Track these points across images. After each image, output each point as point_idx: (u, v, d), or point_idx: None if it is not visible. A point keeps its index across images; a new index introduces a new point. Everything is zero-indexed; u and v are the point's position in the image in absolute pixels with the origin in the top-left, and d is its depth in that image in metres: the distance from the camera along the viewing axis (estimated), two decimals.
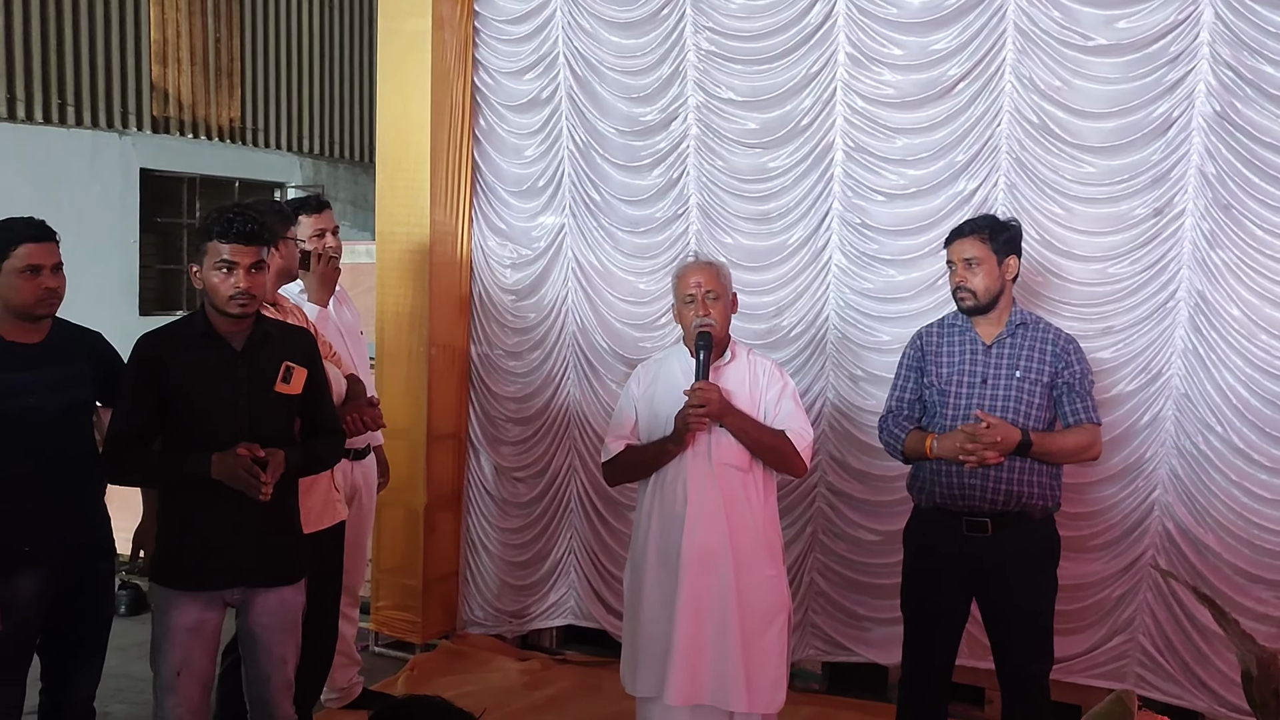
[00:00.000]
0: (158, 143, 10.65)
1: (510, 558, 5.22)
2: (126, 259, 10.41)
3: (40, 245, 3.28)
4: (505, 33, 5.09)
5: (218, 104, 11.30)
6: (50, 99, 9.72)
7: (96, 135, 10.09)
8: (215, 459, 3.05)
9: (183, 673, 3.16)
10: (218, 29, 11.26)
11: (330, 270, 4.10)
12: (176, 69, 10.89)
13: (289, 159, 12.03)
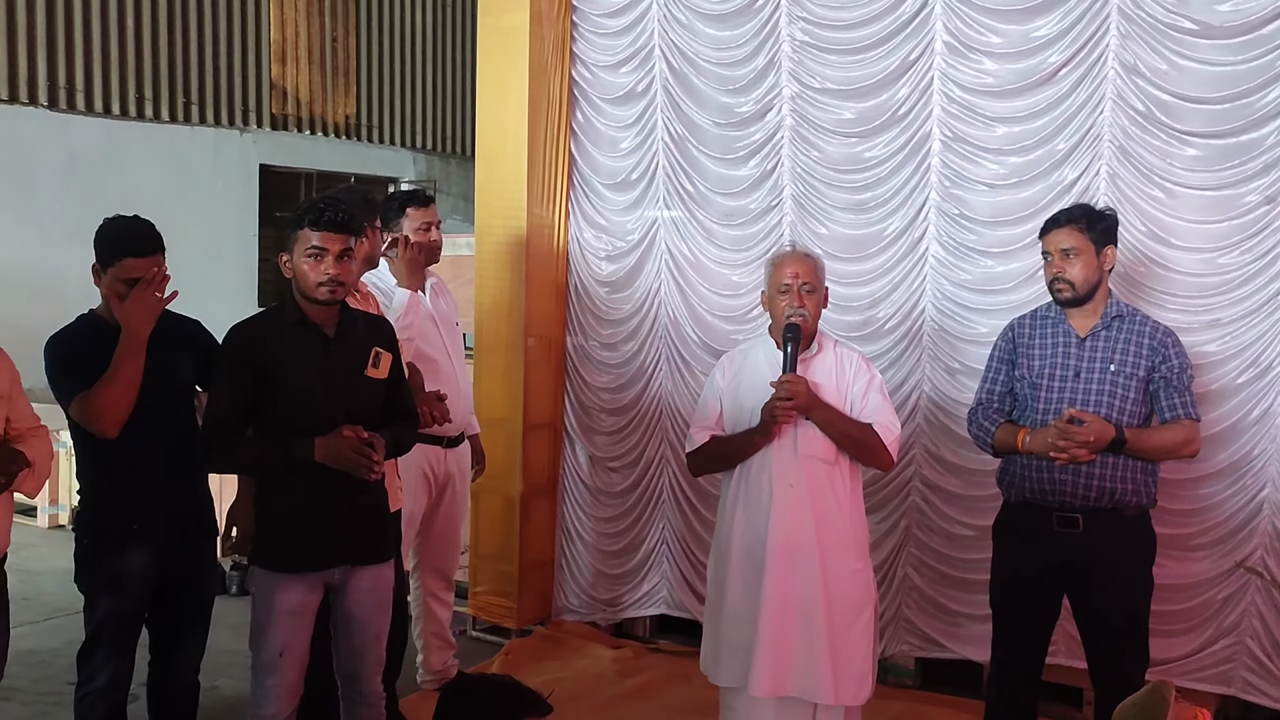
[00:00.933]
0: (276, 139, 10.98)
1: (604, 546, 5.27)
2: (246, 251, 10.77)
3: (142, 260, 3.39)
4: (602, 26, 5.14)
5: (334, 101, 11.60)
6: (176, 98, 10.10)
7: (219, 132, 10.46)
8: (320, 442, 3.14)
9: (285, 654, 3.26)
10: (334, 28, 11.56)
11: (418, 256, 4.20)
12: (295, 68, 11.21)
13: (402, 154, 12.30)
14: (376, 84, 11.98)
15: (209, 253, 9.90)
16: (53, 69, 9.23)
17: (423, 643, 4.60)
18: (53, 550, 3.35)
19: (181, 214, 9.37)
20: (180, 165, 10.05)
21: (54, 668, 4.73)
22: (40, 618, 5.10)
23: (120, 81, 9.68)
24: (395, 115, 12.18)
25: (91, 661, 3.46)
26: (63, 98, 9.31)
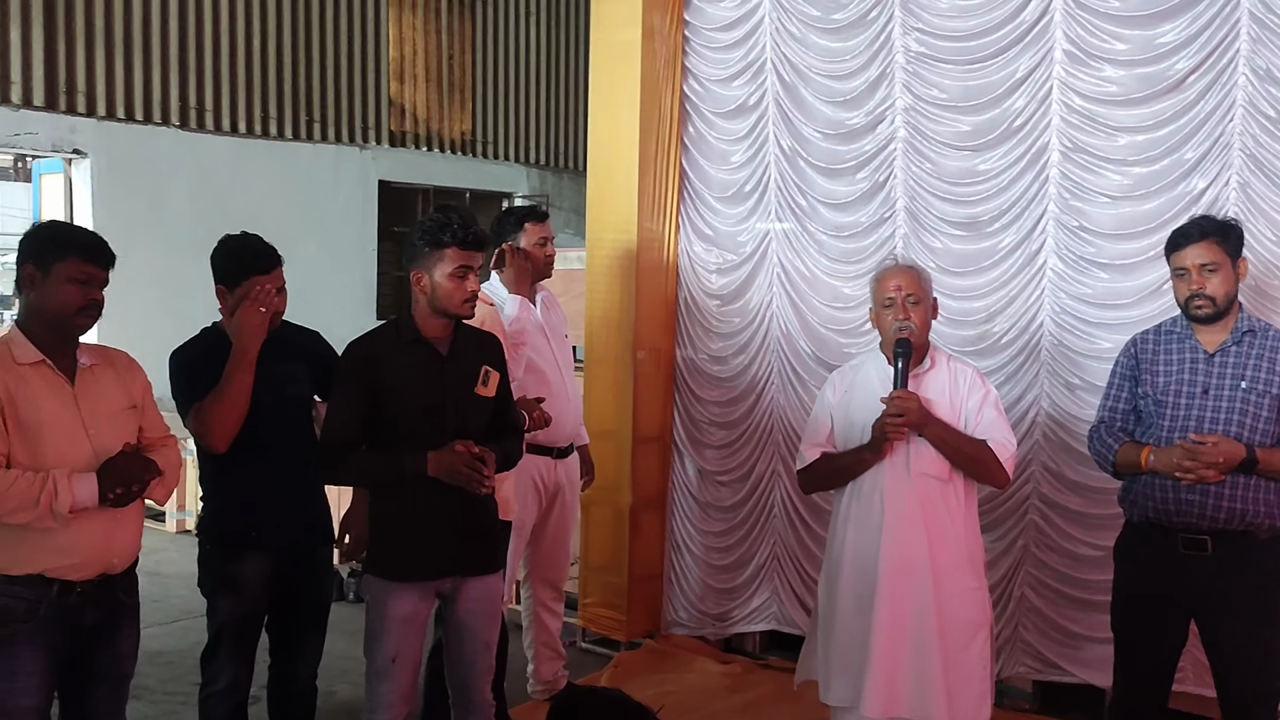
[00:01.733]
0: (395, 156, 11.24)
1: (713, 561, 5.26)
2: (366, 265, 11.03)
3: (266, 276, 3.51)
4: (714, 40, 5.15)
5: (450, 118, 11.82)
6: (299, 117, 10.41)
7: (340, 149, 10.74)
8: (433, 457, 3.21)
9: (397, 660, 3.33)
10: (451, 47, 11.79)
11: (525, 264, 4.29)
12: (413, 86, 11.46)
13: (516, 169, 12.47)
14: (491, 100, 12.18)
15: (330, 266, 10.17)
16: (184, 91, 9.60)
17: (533, 653, 4.65)
18: (180, 554, 3.48)
19: (303, 229, 9.65)
20: (303, 181, 10.35)
21: (181, 668, 4.89)
22: (169, 619, 5.28)
23: (247, 102, 10.02)
24: (509, 131, 12.37)
25: (213, 664, 3.58)
26: (193, 118, 9.66)
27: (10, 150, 9.37)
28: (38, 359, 2.92)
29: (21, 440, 2.84)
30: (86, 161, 9.09)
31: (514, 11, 12.33)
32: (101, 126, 9.09)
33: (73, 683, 3.04)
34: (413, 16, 11.42)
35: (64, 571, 2.90)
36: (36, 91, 8.70)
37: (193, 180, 9.57)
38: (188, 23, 9.58)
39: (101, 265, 2.98)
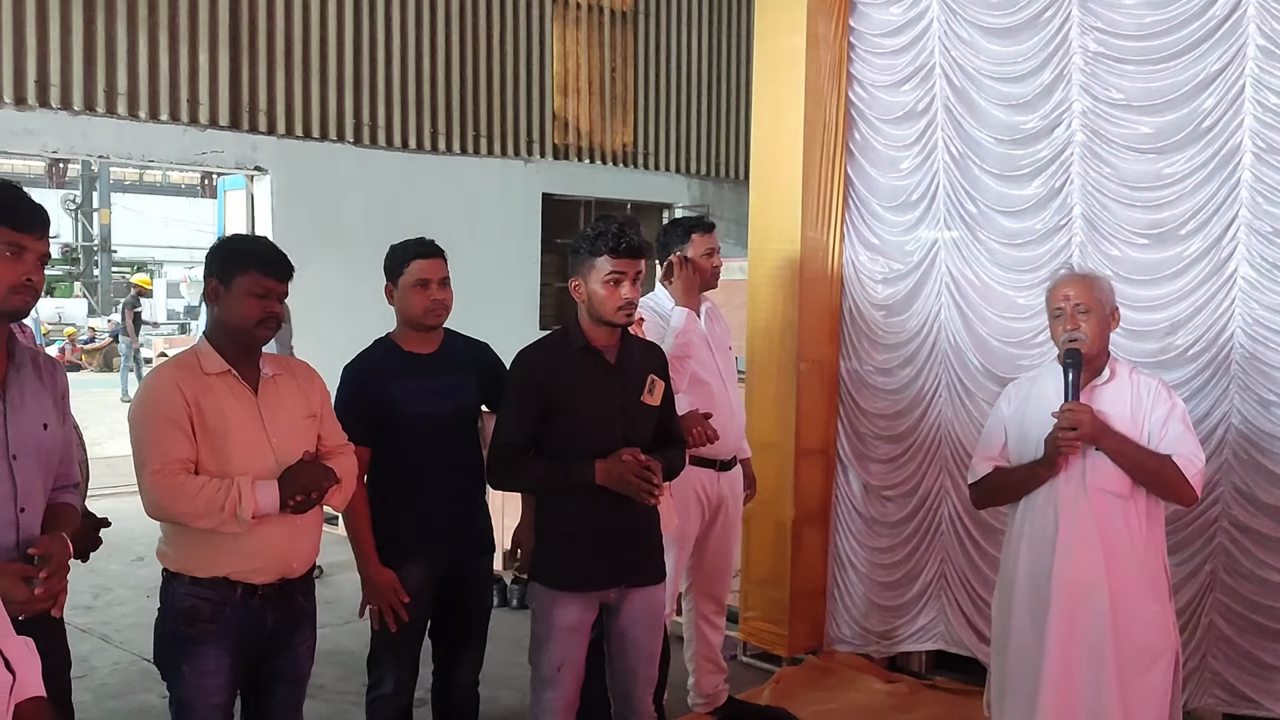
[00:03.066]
0: (558, 168, 11.41)
1: (878, 577, 5.14)
2: (529, 277, 11.23)
3: (429, 261, 3.62)
4: (881, 46, 5.05)
5: (612, 130, 11.94)
6: (466, 132, 10.67)
7: (505, 163, 10.96)
8: (600, 465, 3.22)
9: (563, 669, 3.36)
10: (613, 60, 11.91)
11: (693, 276, 4.28)
12: (576, 99, 11.63)
13: (677, 180, 12.52)
14: (653, 112, 12.26)
15: (495, 277, 10.38)
16: (358, 109, 9.95)
17: (694, 665, 4.62)
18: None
19: (470, 241, 9.87)
20: (469, 195, 10.60)
21: (353, 668, 5.04)
22: (341, 620, 5.45)
23: (417, 119, 10.33)
24: (670, 142, 12.43)
25: (378, 667, 3.67)
26: (367, 134, 10.01)
27: (198, 168, 9.87)
28: (223, 369, 3.03)
29: (208, 448, 2.96)
30: (267, 178, 9.51)
31: (676, 23, 12.39)
32: (281, 144, 9.50)
33: (254, 682, 3.16)
34: (576, 31, 11.59)
35: (247, 575, 3.01)
36: (222, 112, 9.14)
37: (365, 194, 9.91)
38: (362, 45, 9.93)
39: (279, 278, 3.08)
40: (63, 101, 8.41)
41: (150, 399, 2.98)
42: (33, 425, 2.66)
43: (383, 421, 3.55)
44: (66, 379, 2.90)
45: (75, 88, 8.44)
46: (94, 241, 31.56)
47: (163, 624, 3.08)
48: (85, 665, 5.24)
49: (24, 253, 2.56)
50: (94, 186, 30.80)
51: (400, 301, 3.64)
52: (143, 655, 5.23)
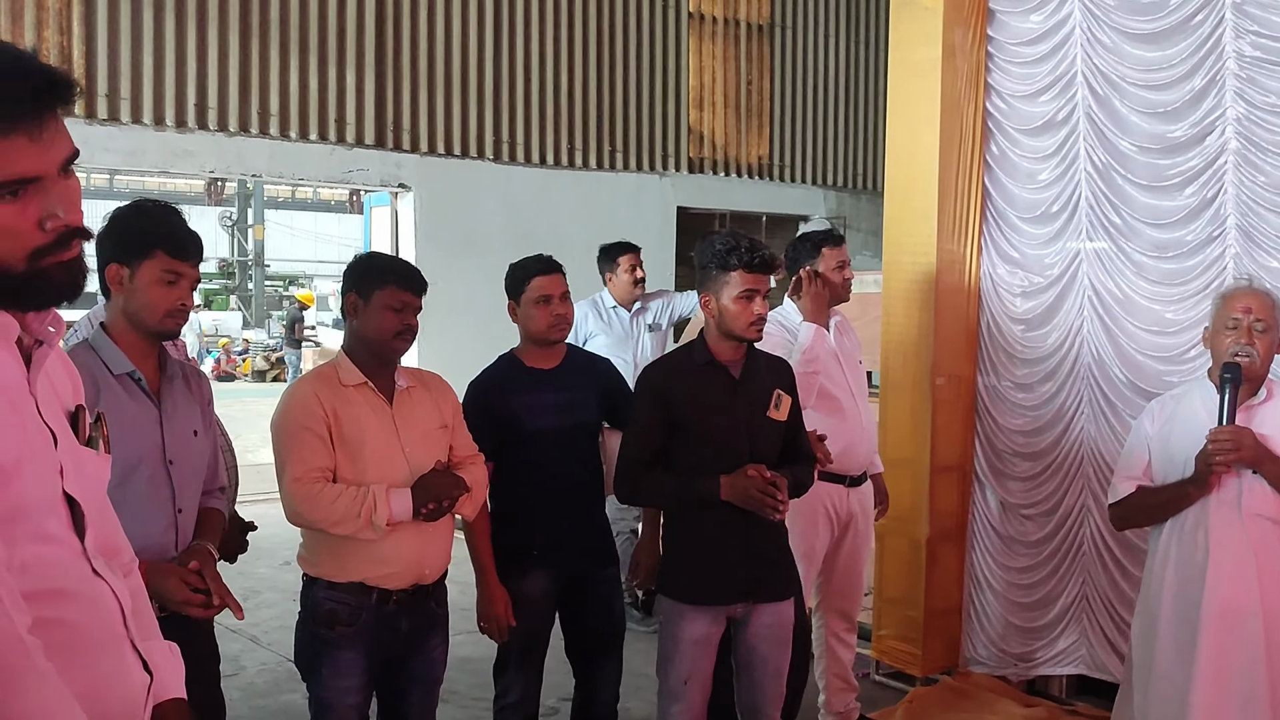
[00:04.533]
0: (693, 182, 11.45)
1: (1016, 598, 5.00)
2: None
3: (549, 277, 3.68)
4: (1019, 55, 4.94)
5: (748, 143, 11.93)
6: (603, 147, 10.79)
7: (640, 177, 11.05)
8: (726, 480, 3.23)
9: (689, 682, 3.37)
10: (749, 72, 11.90)
11: (822, 291, 4.25)
12: (711, 113, 11.65)
13: (813, 192, 12.43)
14: (789, 124, 12.20)
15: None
16: (498, 126, 10.16)
17: (824, 683, 4.58)
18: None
19: None
20: (605, 209, 10.70)
21: (486, 675, 5.09)
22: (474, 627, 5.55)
23: (555, 135, 10.49)
24: (806, 154, 12.35)
25: (504, 677, 3.74)
26: (506, 151, 10.21)
27: (346, 185, 10.20)
28: (360, 381, 3.14)
29: (346, 457, 3.07)
30: (410, 194, 9.78)
31: (812, 35, 12.32)
32: (423, 161, 9.75)
33: (389, 685, 3.25)
34: (712, 45, 11.62)
35: (382, 580, 3.11)
36: (367, 131, 9.44)
37: (504, 210, 10.10)
38: (501, 64, 10.14)
39: (414, 292, 3.18)
40: (220, 124, 8.80)
41: (291, 409, 3.11)
42: (185, 432, 2.81)
43: (505, 436, 3.61)
44: (211, 389, 3.05)
45: (231, 111, 8.82)
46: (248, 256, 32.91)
47: (303, 627, 3.20)
48: (235, 665, 5.45)
49: (180, 280, 2.74)
50: (249, 204, 32.13)
51: (523, 318, 3.71)
52: (288, 656, 5.38)
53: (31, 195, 1.42)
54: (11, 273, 1.43)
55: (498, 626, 3.58)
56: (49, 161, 1.44)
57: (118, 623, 1.59)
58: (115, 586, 1.60)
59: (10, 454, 1.44)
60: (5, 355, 1.50)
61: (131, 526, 1.82)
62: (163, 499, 2.74)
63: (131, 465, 2.62)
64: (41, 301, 1.51)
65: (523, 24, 10.25)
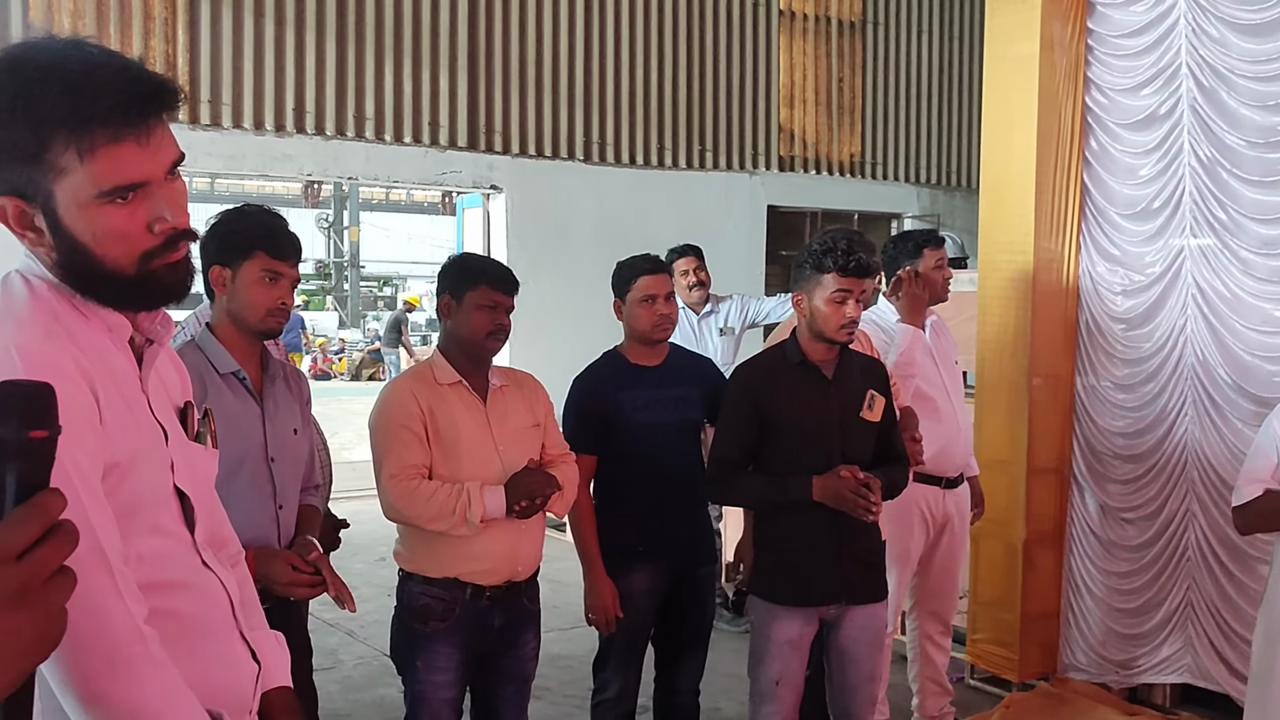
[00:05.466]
0: (783, 180, 11.38)
1: (1117, 604, 4.89)
2: (754, 289, 11.20)
3: (655, 276, 3.71)
4: (1121, 48, 4.82)
5: (839, 141, 11.83)
6: (693, 147, 10.79)
7: (730, 176, 11.02)
8: (818, 481, 3.21)
9: (781, 683, 3.36)
10: (840, 70, 11.80)
11: (921, 293, 4.19)
12: (802, 110, 11.58)
13: (906, 190, 12.28)
14: (881, 121, 12.07)
15: (720, 290, 10.40)
16: (588, 128, 10.22)
17: (918, 686, 4.52)
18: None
19: None
20: (694, 209, 10.69)
21: (578, 672, 5.17)
22: (568, 625, 5.60)
23: (645, 135, 10.51)
24: (899, 151, 12.21)
25: (603, 672, 3.76)
26: (596, 152, 10.26)
27: (439, 187, 10.35)
28: (455, 380, 3.19)
29: (441, 454, 3.12)
30: (502, 196, 9.88)
31: (905, 31, 12.18)
32: (515, 163, 9.85)
33: (482, 680, 3.30)
34: (803, 42, 11.55)
35: (476, 576, 3.15)
36: (460, 133, 9.57)
37: (594, 210, 10.15)
38: (592, 66, 10.19)
39: (506, 292, 3.21)
40: (317, 127, 8.99)
41: (388, 408, 3.17)
42: (286, 431, 2.89)
43: (608, 431, 3.65)
44: (309, 388, 3.12)
45: (328, 114, 9.01)
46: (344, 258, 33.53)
47: (398, 621, 3.26)
48: (333, 658, 5.57)
49: (280, 279, 2.82)
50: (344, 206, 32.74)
51: (628, 316, 3.74)
52: (384, 651, 5.49)
53: (140, 199, 1.48)
54: (123, 275, 1.49)
55: (605, 618, 3.60)
56: (156, 166, 1.49)
57: (227, 613, 1.64)
58: (224, 578, 1.65)
59: (126, 450, 1.49)
60: (118, 354, 1.55)
61: (236, 521, 1.88)
62: (265, 495, 2.82)
63: (236, 462, 2.70)
64: (151, 302, 1.56)
65: (613, 25, 10.30)
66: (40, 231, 1.48)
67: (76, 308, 1.52)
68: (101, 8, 8.15)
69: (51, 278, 1.52)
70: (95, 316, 1.53)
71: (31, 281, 1.52)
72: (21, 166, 1.43)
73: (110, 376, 1.50)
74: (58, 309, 1.50)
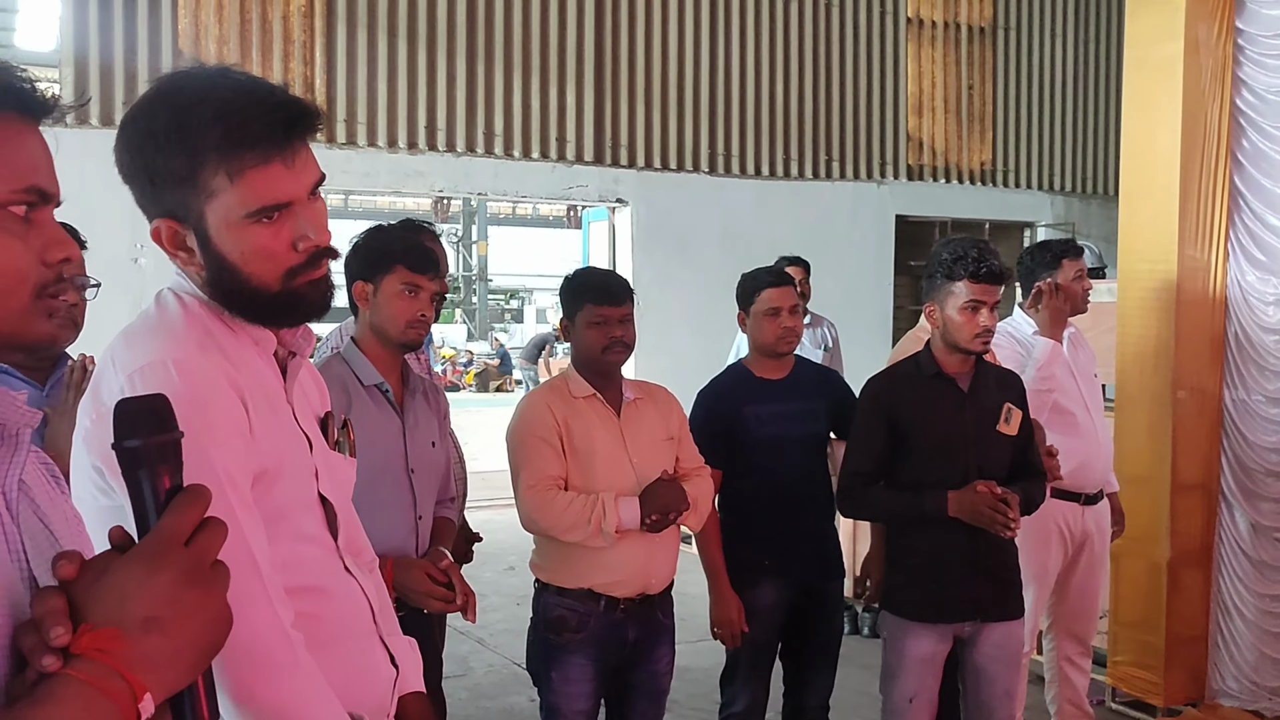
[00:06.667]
0: (911, 189, 11.23)
1: (1270, 627, 4.66)
2: (881, 301, 11.08)
3: (779, 289, 3.68)
4: (1273, 47, 4.62)
5: (969, 148, 11.61)
6: (819, 157, 10.72)
7: (857, 186, 10.91)
8: (953, 496, 3.15)
9: (915, 700, 3.30)
10: (970, 77, 11.60)
11: (1063, 306, 4.06)
12: (930, 119, 11.40)
13: (1039, 197, 11.99)
14: (1013, 127, 11.82)
15: (846, 303, 10.30)
16: (713, 140, 10.23)
17: (1056, 708, 4.39)
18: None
19: (821, 265, 9.80)
20: (821, 219, 10.61)
21: (705, 685, 5.14)
22: (694, 638, 5.56)
23: (770, 146, 10.48)
24: (1032, 157, 11.93)
25: (731, 686, 3.74)
26: (721, 164, 10.27)
27: (565, 201, 10.48)
28: (589, 393, 3.22)
29: (576, 466, 3.15)
30: (628, 209, 9.96)
31: (1039, 35, 11.90)
32: (640, 176, 9.92)
33: (616, 694, 3.31)
34: (932, 49, 11.38)
35: (610, 588, 3.17)
36: (587, 148, 9.68)
37: (719, 222, 10.15)
38: (717, 77, 10.21)
39: (613, 305, 3.19)
40: (448, 144, 9.19)
41: (525, 420, 3.22)
42: (424, 443, 2.96)
43: (734, 445, 3.63)
44: (448, 402, 3.18)
45: (458, 131, 9.21)
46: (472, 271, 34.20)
47: (534, 632, 3.29)
48: (463, 665, 5.65)
49: (420, 291, 2.89)
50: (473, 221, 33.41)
51: (752, 329, 3.72)
52: (513, 659, 5.58)
53: (285, 219, 1.53)
54: (268, 291, 1.55)
55: (731, 632, 3.58)
56: (300, 187, 1.55)
57: (368, 618, 1.69)
58: (364, 584, 1.70)
59: (274, 458, 1.55)
60: (264, 366, 1.61)
61: (376, 530, 1.92)
62: (405, 505, 2.89)
63: (378, 472, 2.76)
64: (294, 317, 1.62)
65: (738, 37, 10.30)
66: (191, 251, 1.55)
67: (225, 323, 1.59)
68: (244, 33, 8.48)
69: (201, 295, 1.59)
70: (242, 331, 1.60)
71: (184, 298, 1.59)
72: (176, 190, 1.50)
73: (258, 388, 1.57)
74: (208, 324, 1.57)
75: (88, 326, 2.26)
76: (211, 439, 1.44)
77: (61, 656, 0.91)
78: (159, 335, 1.54)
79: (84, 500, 1.45)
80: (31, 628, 0.93)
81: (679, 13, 10.03)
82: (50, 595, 0.94)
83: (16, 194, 1.00)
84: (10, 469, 1.03)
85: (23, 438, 1.04)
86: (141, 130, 1.50)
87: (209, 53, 8.33)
